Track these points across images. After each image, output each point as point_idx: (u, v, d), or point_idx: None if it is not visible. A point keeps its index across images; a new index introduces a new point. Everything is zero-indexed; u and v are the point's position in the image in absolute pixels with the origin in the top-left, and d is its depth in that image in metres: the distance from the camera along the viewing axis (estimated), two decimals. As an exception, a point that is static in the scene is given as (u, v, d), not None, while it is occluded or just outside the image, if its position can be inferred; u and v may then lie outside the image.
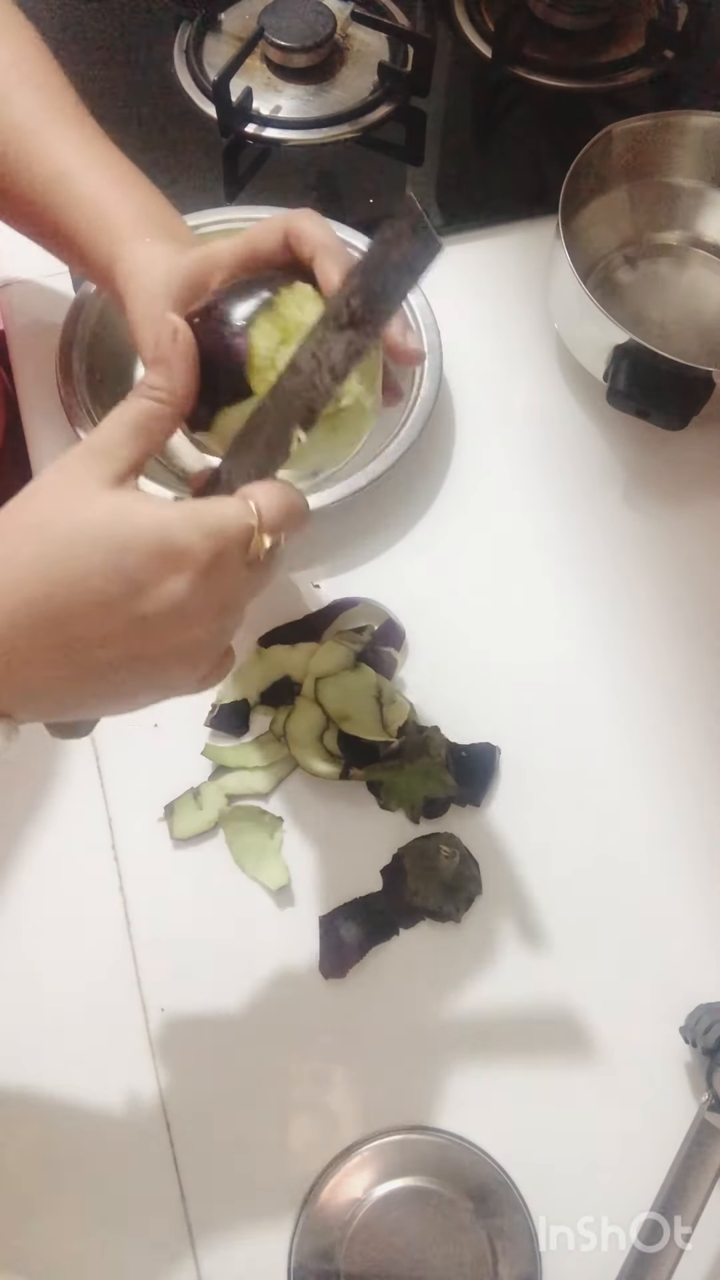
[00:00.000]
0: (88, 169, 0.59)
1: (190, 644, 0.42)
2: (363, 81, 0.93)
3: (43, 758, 0.67)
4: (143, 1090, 0.59)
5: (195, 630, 0.41)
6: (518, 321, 0.83)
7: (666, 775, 0.68)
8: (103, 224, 0.57)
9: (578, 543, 0.75)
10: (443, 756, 0.66)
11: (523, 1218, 0.56)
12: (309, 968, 0.62)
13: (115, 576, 0.39)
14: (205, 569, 0.40)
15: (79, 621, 0.39)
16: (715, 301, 0.83)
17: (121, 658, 0.41)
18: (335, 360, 0.43)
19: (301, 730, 0.66)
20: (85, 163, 0.59)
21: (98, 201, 0.57)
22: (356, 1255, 0.55)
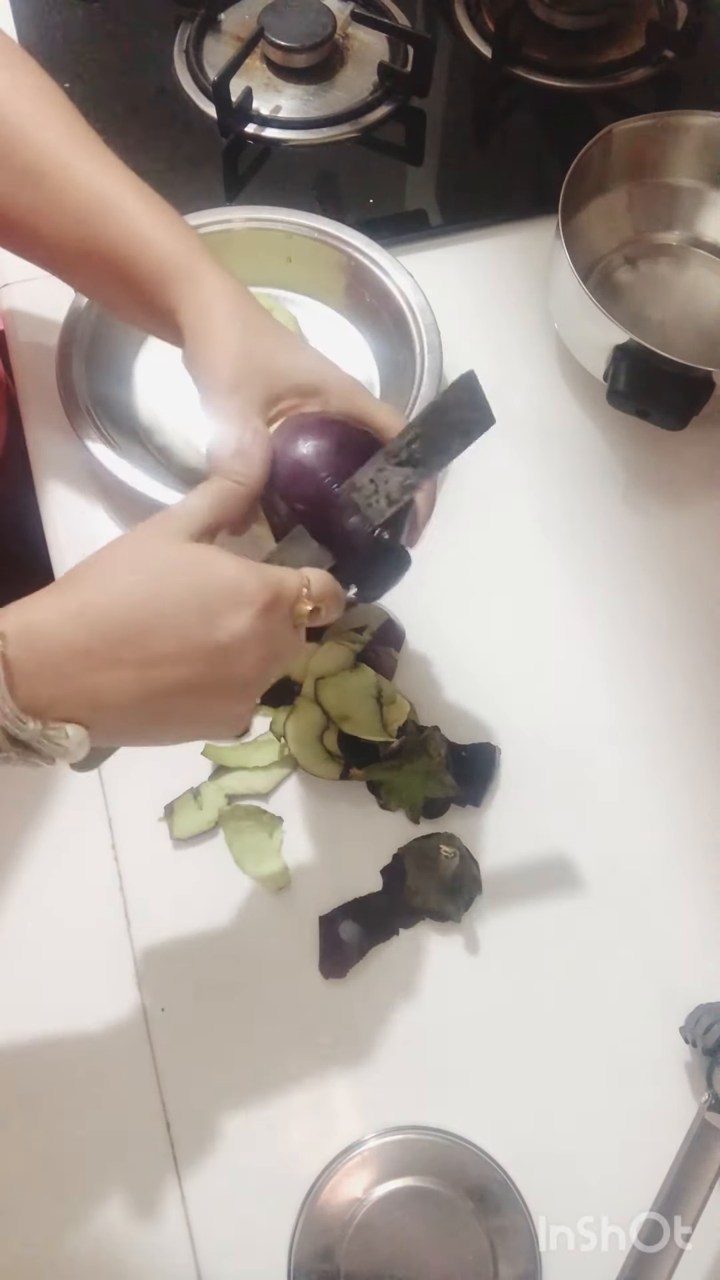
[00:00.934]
0: (125, 197, 0.59)
1: (241, 677, 0.47)
2: (363, 81, 0.93)
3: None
4: (143, 1090, 0.59)
5: (248, 663, 0.47)
6: (518, 321, 0.83)
7: (666, 774, 0.68)
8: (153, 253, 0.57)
9: (577, 542, 0.75)
10: (443, 756, 0.66)
11: (523, 1218, 0.56)
12: (309, 968, 0.62)
13: (195, 605, 0.46)
14: (262, 610, 0.46)
15: (157, 640, 0.45)
16: (715, 301, 0.83)
17: (187, 679, 0.46)
18: (392, 489, 0.50)
19: (301, 730, 0.66)
20: (122, 191, 0.59)
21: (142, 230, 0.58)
22: (356, 1255, 0.55)
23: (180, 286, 0.57)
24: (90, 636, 0.44)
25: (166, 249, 0.57)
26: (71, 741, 0.44)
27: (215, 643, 0.45)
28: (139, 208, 0.58)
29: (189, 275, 0.57)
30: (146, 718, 0.47)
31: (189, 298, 0.56)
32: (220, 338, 0.55)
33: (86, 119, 0.82)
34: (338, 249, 0.80)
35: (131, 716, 0.46)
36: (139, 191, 0.59)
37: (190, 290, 0.56)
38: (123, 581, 0.46)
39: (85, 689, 0.44)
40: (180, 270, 0.57)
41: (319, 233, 0.80)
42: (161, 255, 0.57)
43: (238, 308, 0.56)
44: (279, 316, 0.73)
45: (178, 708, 0.47)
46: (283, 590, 0.48)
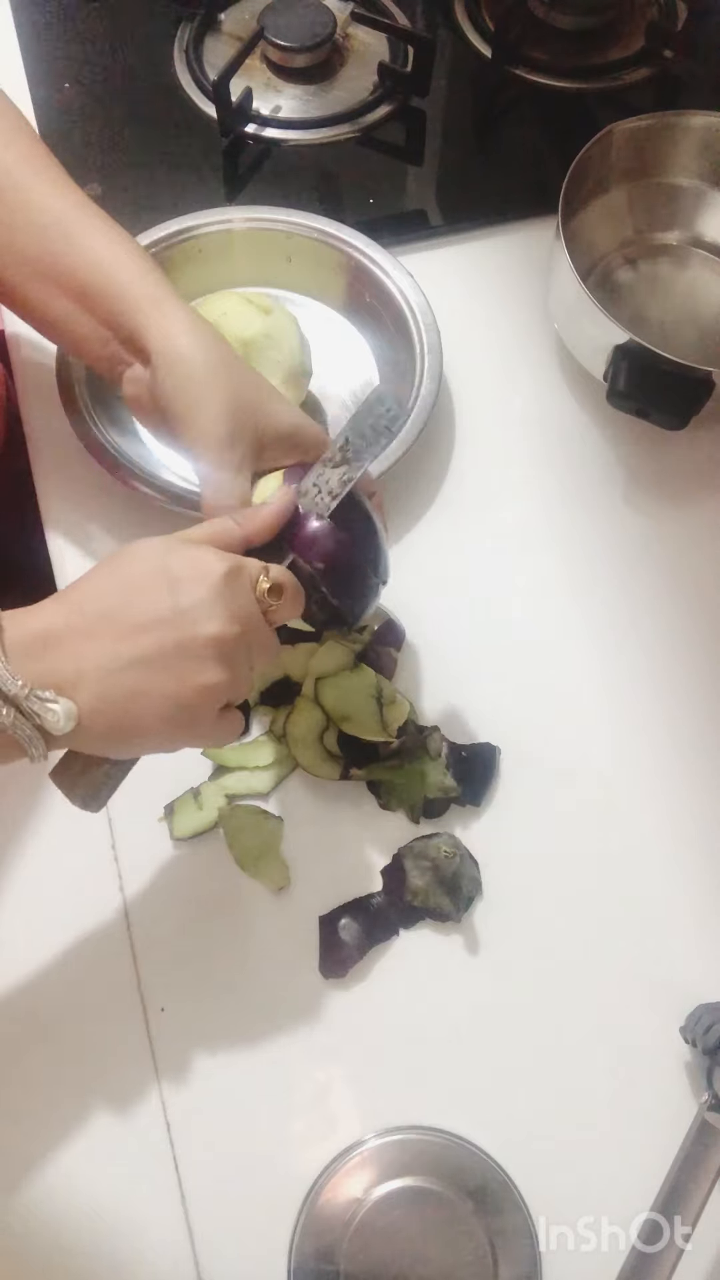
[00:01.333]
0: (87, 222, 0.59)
1: (208, 639, 0.49)
2: (363, 81, 0.93)
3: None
4: (143, 1090, 0.59)
5: (214, 625, 0.49)
6: (518, 321, 0.83)
7: (666, 774, 0.68)
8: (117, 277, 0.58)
9: (577, 542, 0.75)
10: (443, 756, 0.66)
11: (523, 1218, 0.56)
12: (309, 968, 0.62)
13: (162, 578, 0.50)
14: (223, 577, 0.50)
15: (130, 612, 0.49)
16: (715, 301, 0.83)
17: (158, 645, 0.49)
18: (333, 485, 0.56)
19: (301, 730, 0.66)
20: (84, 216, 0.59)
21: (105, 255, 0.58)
22: (356, 1255, 0.55)
23: (147, 313, 0.57)
24: (71, 614, 0.49)
25: (130, 274, 0.58)
26: (60, 709, 0.46)
27: (178, 607, 0.49)
28: (101, 232, 0.59)
29: (154, 302, 0.58)
30: (128, 693, 0.48)
31: (156, 325, 0.57)
32: (207, 382, 0.57)
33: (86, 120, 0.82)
34: (338, 249, 0.80)
35: (112, 688, 0.48)
36: (100, 217, 0.60)
37: (158, 318, 0.57)
38: (102, 570, 0.51)
39: (69, 662, 0.47)
40: (145, 297, 0.58)
41: (319, 233, 0.80)
42: (126, 280, 0.58)
43: (215, 345, 0.58)
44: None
45: (154, 679, 0.49)
46: (242, 565, 0.52)
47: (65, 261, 0.58)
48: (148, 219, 0.79)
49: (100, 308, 0.58)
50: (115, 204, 0.84)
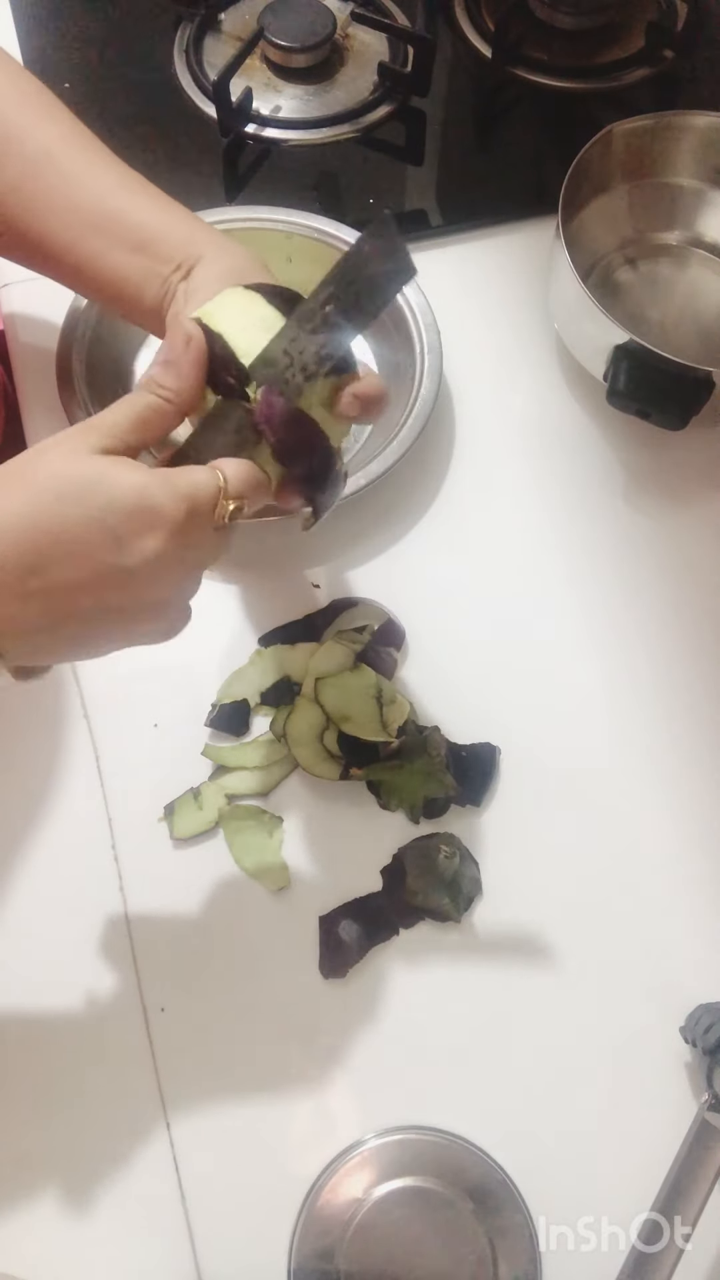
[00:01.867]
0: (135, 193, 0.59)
1: (161, 597, 0.46)
2: (363, 81, 0.93)
3: (44, 757, 0.67)
4: (143, 1090, 0.59)
5: (166, 583, 0.45)
6: (518, 321, 0.83)
7: (666, 774, 0.68)
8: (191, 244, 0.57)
9: (577, 543, 0.75)
10: (443, 756, 0.66)
11: (523, 1218, 0.56)
12: (309, 968, 0.62)
13: (99, 530, 0.43)
14: (178, 528, 0.44)
15: (61, 567, 0.43)
16: (715, 301, 0.83)
17: (99, 606, 0.44)
18: (308, 360, 0.46)
19: (301, 730, 0.66)
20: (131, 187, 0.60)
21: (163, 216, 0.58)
22: (356, 1255, 0.55)
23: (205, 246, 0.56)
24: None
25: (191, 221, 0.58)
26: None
27: (124, 568, 0.43)
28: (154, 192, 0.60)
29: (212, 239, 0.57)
30: (63, 642, 0.46)
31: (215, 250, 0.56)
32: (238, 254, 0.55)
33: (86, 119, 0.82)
34: (338, 249, 0.80)
35: (46, 642, 0.45)
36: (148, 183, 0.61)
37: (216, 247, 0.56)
38: (22, 505, 0.43)
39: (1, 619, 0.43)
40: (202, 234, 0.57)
41: (319, 233, 0.80)
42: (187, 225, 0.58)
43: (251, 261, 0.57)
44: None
45: (98, 630, 0.46)
46: (197, 499, 0.45)
47: (126, 218, 0.58)
48: (148, 219, 0.79)
49: (163, 250, 0.57)
50: (115, 204, 0.84)
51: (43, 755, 0.67)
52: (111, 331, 0.76)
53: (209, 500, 0.46)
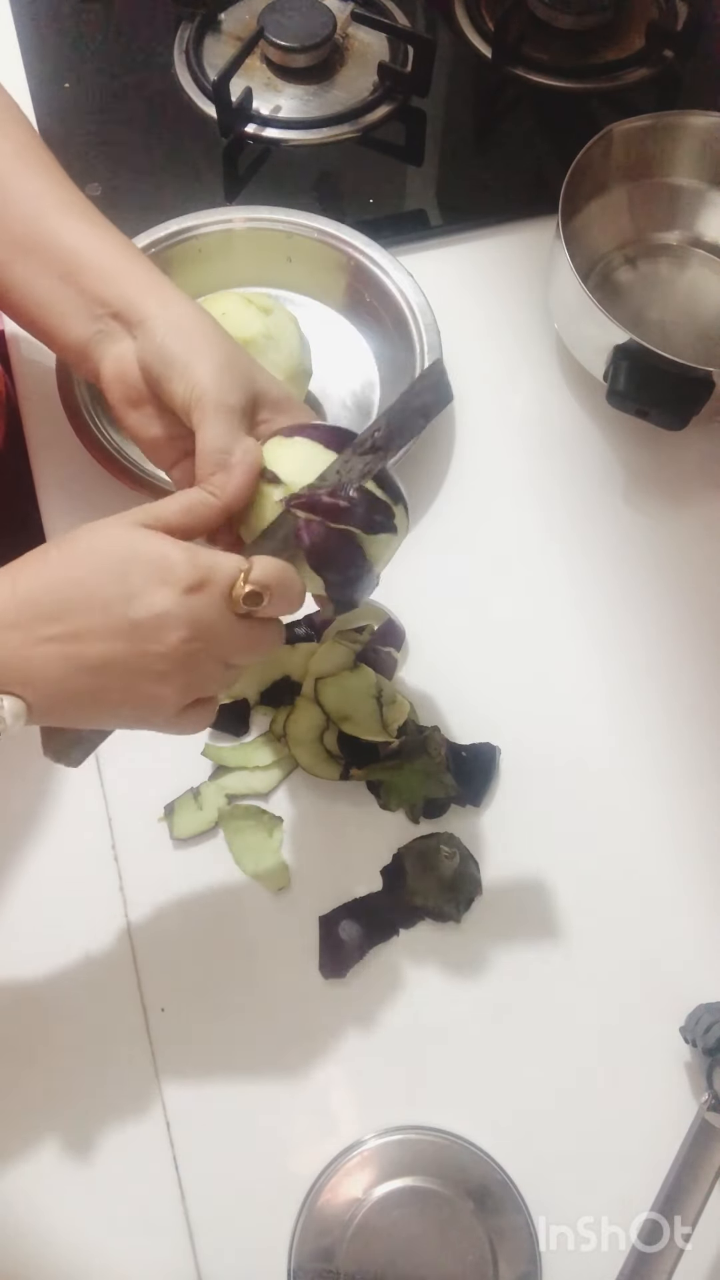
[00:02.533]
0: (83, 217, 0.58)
1: (161, 657, 0.47)
2: (363, 81, 0.93)
3: (42, 758, 0.67)
4: (143, 1090, 0.59)
5: (168, 642, 0.46)
6: (518, 321, 0.83)
7: (666, 774, 0.68)
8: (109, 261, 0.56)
9: (577, 542, 0.75)
10: (443, 756, 0.66)
11: (523, 1218, 0.56)
12: (309, 968, 0.62)
13: (116, 582, 0.46)
14: (187, 590, 0.46)
15: (79, 616, 0.46)
16: (715, 301, 0.83)
17: (106, 658, 0.46)
18: (354, 476, 0.51)
19: (301, 730, 0.66)
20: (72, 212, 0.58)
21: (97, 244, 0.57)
22: (356, 1255, 0.55)
23: (141, 285, 0.56)
24: (19, 611, 0.46)
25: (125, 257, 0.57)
26: (6, 711, 0.45)
27: (132, 620, 0.46)
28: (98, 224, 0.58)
29: (149, 277, 0.56)
30: (78, 694, 0.47)
31: (153, 294, 0.55)
32: (207, 337, 0.54)
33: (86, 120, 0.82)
34: (338, 249, 0.80)
35: (62, 692, 0.46)
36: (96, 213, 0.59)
37: (153, 289, 0.56)
38: (55, 559, 0.47)
39: (16, 662, 0.45)
40: (140, 274, 0.56)
41: (319, 233, 0.80)
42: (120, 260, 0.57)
43: (209, 317, 0.56)
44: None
45: (105, 686, 0.47)
46: (214, 571, 0.47)
47: (59, 242, 0.57)
48: (148, 219, 0.79)
49: (90, 283, 0.56)
50: (115, 204, 0.84)
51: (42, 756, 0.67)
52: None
53: (227, 577, 0.48)
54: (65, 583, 0.46)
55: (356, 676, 0.67)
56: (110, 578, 0.46)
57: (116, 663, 0.46)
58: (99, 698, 0.48)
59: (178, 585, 0.46)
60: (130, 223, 0.77)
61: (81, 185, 0.62)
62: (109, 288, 0.56)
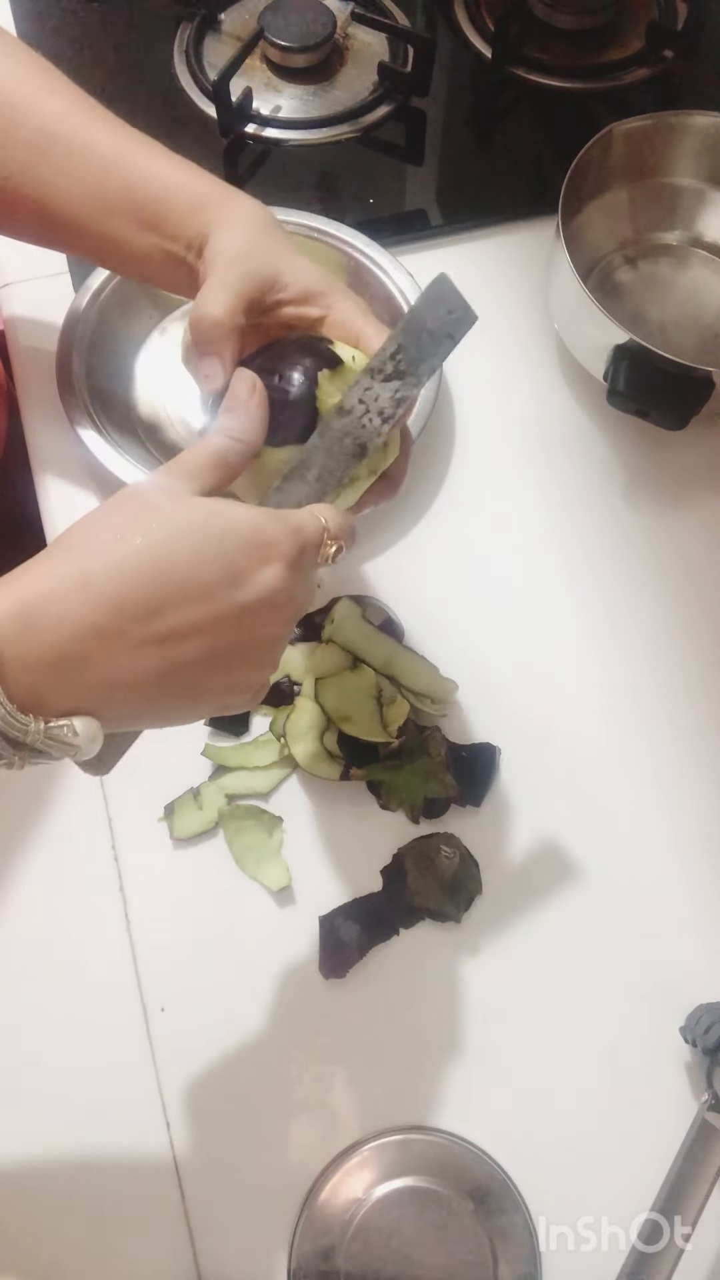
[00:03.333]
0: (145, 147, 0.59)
1: (274, 634, 0.45)
2: (363, 81, 0.93)
3: (43, 758, 0.67)
4: (142, 1090, 0.59)
5: (280, 620, 0.45)
6: (518, 321, 0.83)
7: (666, 775, 0.68)
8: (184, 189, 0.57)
9: (577, 542, 0.75)
10: (443, 756, 0.66)
11: (523, 1218, 0.56)
12: (309, 968, 0.62)
13: (219, 562, 0.42)
14: (292, 561, 0.44)
15: (181, 610, 0.41)
16: (715, 301, 0.83)
17: (212, 648, 0.42)
18: (384, 405, 0.49)
19: (301, 730, 0.66)
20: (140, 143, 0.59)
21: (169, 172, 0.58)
22: (356, 1255, 0.55)
23: (214, 211, 0.56)
24: (101, 613, 0.39)
25: (198, 184, 0.58)
26: (82, 738, 0.39)
27: (243, 604, 0.42)
28: (160, 155, 0.59)
29: (222, 201, 0.57)
30: (166, 698, 0.43)
31: (223, 214, 0.56)
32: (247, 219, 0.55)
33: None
34: (338, 249, 0.80)
35: (150, 698, 0.42)
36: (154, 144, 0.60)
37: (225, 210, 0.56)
38: (134, 548, 0.41)
39: (99, 675, 0.40)
40: (212, 197, 0.57)
41: (319, 233, 0.80)
42: (193, 189, 0.57)
43: (269, 217, 0.57)
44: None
45: (200, 681, 0.43)
46: (307, 536, 0.45)
47: (133, 192, 0.57)
48: (148, 219, 0.79)
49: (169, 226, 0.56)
50: (115, 204, 0.84)
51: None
52: (112, 332, 0.76)
53: (316, 538, 0.46)
54: (159, 574, 0.41)
55: (356, 676, 0.67)
56: (211, 561, 0.42)
57: (222, 653, 0.43)
58: (195, 695, 0.44)
59: (283, 558, 0.43)
60: (130, 223, 0.78)
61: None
62: (187, 225, 0.56)
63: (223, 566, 0.42)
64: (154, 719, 0.45)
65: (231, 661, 0.44)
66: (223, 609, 0.42)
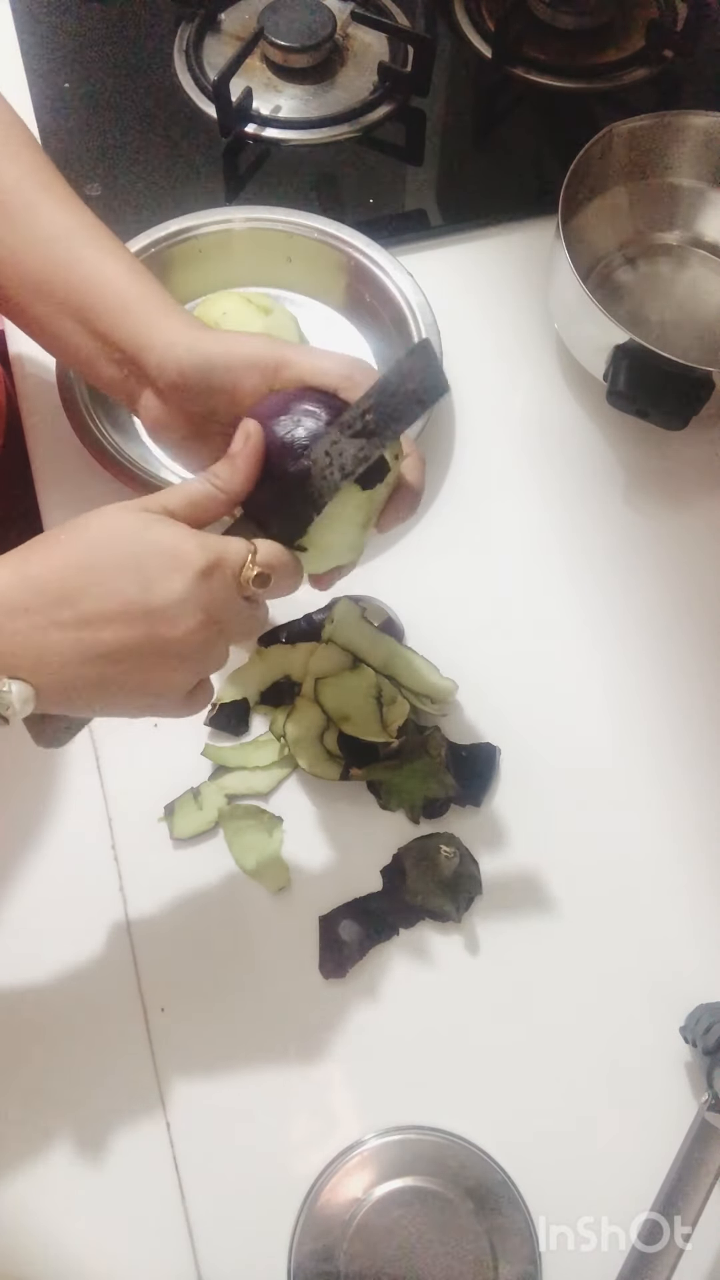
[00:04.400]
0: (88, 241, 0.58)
1: (179, 642, 0.47)
2: (363, 81, 0.93)
3: (43, 758, 0.67)
4: (142, 1090, 0.59)
5: (185, 626, 0.47)
6: (518, 321, 0.83)
7: (666, 774, 0.68)
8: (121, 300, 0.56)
9: (577, 542, 0.75)
10: (443, 756, 0.66)
11: (523, 1218, 0.56)
12: (309, 968, 0.62)
13: (130, 569, 0.46)
14: (200, 574, 0.47)
15: (93, 601, 0.46)
16: (715, 301, 0.83)
17: (123, 642, 0.46)
18: (346, 461, 0.50)
19: (301, 730, 0.66)
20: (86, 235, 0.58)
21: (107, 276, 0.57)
22: (356, 1255, 0.55)
23: (146, 315, 0.55)
24: (30, 595, 0.46)
25: (132, 287, 0.56)
26: (15, 696, 0.45)
27: (149, 605, 0.46)
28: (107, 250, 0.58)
29: (157, 308, 0.56)
30: (90, 681, 0.47)
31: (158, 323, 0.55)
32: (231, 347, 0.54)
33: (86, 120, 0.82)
34: (338, 249, 0.80)
35: (74, 678, 0.47)
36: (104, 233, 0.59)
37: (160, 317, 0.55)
38: (66, 544, 0.47)
39: (27, 646, 0.45)
40: (146, 303, 0.56)
41: (319, 233, 0.80)
42: (125, 289, 0.56)
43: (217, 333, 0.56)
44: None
45: (119, 673, 0.47)
46: (225, 556, 0.48)
47: (67, 278, 0.56)
48: (148, 219, 0.79)
49: (102, 327, 0.56)
50: (115, 204, 0.84)
51: (43, 755, 0.67)
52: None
53: (236, 560, 0.49)
54: (78, 568, 0.46)
55: (356, 676, 0.67)
56: (125, 564, 0.46)
57: (131, 648, 0.46)
58: (112, 684, 0.48)
59: (191, 570, 0.47)
60: (130, 223, 0.78)
61: (81, 185, 0.62)
62: (117, 328, 0.55)
63: (135, 569, 0.46)
64: (85, 703, 0.49)
65: (145, 660, 0.47)
66: (131, 607, 0.46)
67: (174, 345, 0.54)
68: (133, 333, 0.55)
